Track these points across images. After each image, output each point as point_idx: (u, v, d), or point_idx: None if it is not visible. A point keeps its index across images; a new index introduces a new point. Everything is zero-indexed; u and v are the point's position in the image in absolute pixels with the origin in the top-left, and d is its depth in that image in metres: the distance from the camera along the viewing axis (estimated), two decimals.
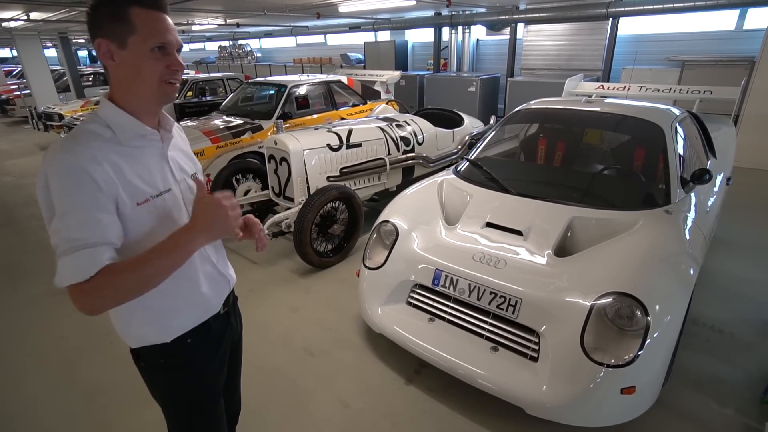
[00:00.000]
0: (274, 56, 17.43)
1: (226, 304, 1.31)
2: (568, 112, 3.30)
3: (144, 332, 1.14)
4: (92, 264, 0.92)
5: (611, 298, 1.89)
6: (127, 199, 1.00)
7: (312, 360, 2.60)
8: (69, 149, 0.95)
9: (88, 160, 0.94)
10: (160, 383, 1.24)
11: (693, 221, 2.42)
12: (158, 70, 1.02)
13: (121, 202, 0.99)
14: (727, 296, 3.12)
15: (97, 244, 0.94)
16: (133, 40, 0.98)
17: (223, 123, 4.96)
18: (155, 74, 1.02)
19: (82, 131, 1.00)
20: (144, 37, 0.98)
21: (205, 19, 9.64)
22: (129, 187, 1.01)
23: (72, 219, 0.93)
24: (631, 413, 1.88)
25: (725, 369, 2.44)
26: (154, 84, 1.03)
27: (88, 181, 0.93)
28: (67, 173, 0.93)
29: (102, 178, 0.95)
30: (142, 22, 0.98)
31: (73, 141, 0.97)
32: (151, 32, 0.99)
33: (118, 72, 1.02)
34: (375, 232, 2.74)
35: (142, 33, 0.98)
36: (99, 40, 0.98)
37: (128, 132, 1.04)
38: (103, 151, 0.98)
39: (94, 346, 2.75)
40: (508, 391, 1.94)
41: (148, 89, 1.03)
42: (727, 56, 7.05)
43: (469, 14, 9.15)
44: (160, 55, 1.01)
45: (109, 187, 0.96)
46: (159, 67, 1.01)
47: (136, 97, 1.05)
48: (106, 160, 0.97)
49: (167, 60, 1.02)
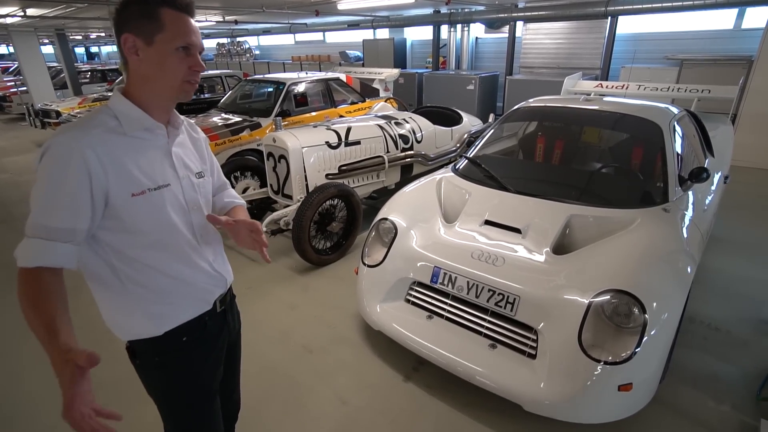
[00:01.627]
0: (272, 54, 17.39)
1: (223, 302, 1.30)
2: (567, 111, 3.30)
3: (135, 324, 1.14)
4: (36, 257, 0.96)
5: (609, 295, 1.90)
6: (121, 189, 1.02)
7: (310, 357, 2.61)
8: (69, 133, 0.98)
9: (84, 145, 0.97)
10: (155, 381, 1.24)
11: (690, 219, 2.43)
12: (182, 70, 1.06)
13: (113, 193, 1.01)
14: (723, 294, 3.13)
15: (53, 236, 0.96)
16: (161, 38, 1.02)
17: (222, 120, 4.94)
18: (178, 73, 1.06)
19: (86, 119, 1.04)
20: (171, 36, 1.03)
21: (203, 15, 9.61)
22: (125, 176, 1.02)
23: (42, 198, 0.96)
24: (629, 410, 1.89)
25: (721, 366, 2.45)
26: (176, 82, 1.07)
27: (76, 166, 0.96)
28: (58, 154, 0.96)
29: (93, 167, 0.97)
30: (170, 22, 1.02)
31: (78, 126, 1.01)
32: (179, 32, 1.04)
33: (141, 67, 1.05)
34: (374, 230, 2.75)
35: (170, 32, 1.02)
36: (126, 35, 1.02)
37: (134, 123, 1.06)
38: (102, 139, 1.00)
39: (93, 343, 2.72)
40: (506, 388, 1.94)
41: (169, 86, 1.07)
42: (725, 55, 7.07)
43: (468, 12, 9.14)
44: (184, 56, 1.05)
45: (98, 178, 0.98)
46: (182, 66, 1.06)
47: (153, 92, 1.08)
48: (103, 149, 0.99)
49: (190, 61, 1.07)
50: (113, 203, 1.01)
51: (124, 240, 1.06)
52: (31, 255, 0.96)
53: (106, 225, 1.04)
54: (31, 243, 0.96)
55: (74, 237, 0.99)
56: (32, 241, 0.96)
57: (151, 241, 1.09)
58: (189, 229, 1.17)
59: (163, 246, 1.12)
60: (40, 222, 0.96)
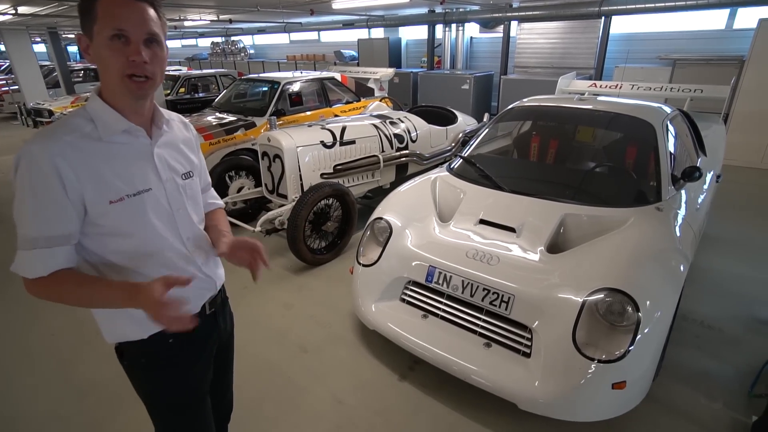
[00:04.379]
0: (267, 53, 17.32)
1: (213, 304, 1.29)
2: (561, 110, 3.32)
3: (120, 326, 1.13)
4: (45, 266, 0.97)
5: (603, 294, 1.91)
6: (97, 197, 0.99)
7: (306, 357, 2.60)
8: (39, 142, 0.95)
9: (54, 154, 0.93)
10: (142, 383, 1.23)
11: (683, 218, 2.45)
12: (118, 62, 0.95)
13: (89, 200, 0.98)
14: (716, 292, 3.16)
15: (50, 244, 0.96)
16: (97, 30, 0.94)
17: (216, 120, 4.92)
18: (114, 66, 0.95)
19: (61, 124, 1.00)
20: (102, 24, 0.93)
21: (197, 14, 9.54)
22: (101, 185, 0.99)
23: (30, 211, 0.95)
24: (622, 408, 1.91)
25: (714, 364, 2.47)
26: (115, 78, 0.96)
27: (50, 175, 0.93)
28: (32, 165, 0.93)
29: (66, 175, 0.94)
30: (103, 10, 0.93)
31: (47, 133, 0.97)
32: (108, 18, 0.93)
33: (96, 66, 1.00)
34: (368, 229, 2.74)
35: (102, 20, 0.93)
36: (78, 35, 0.99)
37: (110, 127, 1.02)
38: (74, 146, 0.96)
39: (86, 344, 2.72)
40: (501, 387, 1.95)
41: (113, 83, 0.98)
42: (717, 55, 7.12)
43: (462, 12, 9.15)
44: (120, 45, 0.94)
45: (72, 185, 0.95)
46: (118, 58, 0.94)
47: (111, 92, 1.01)
48: (76, 156, 0.96)
49: (127, 50, 0.94)
50: (91, 211, 0.99)
51: (106, 245, 1.05)
52: (40, 265, 0.97)
53: (87, 231, 1.02)
54: (33, 255, 0.96)
55: (71, 239, 1.00)
56: (34, 253, 0.96)
57: (134, 247, 1.07)
58: (174, 233, 1.14)
59: (146, 252, 1.09)
60: (35, 234, 0.95)
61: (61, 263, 0.99)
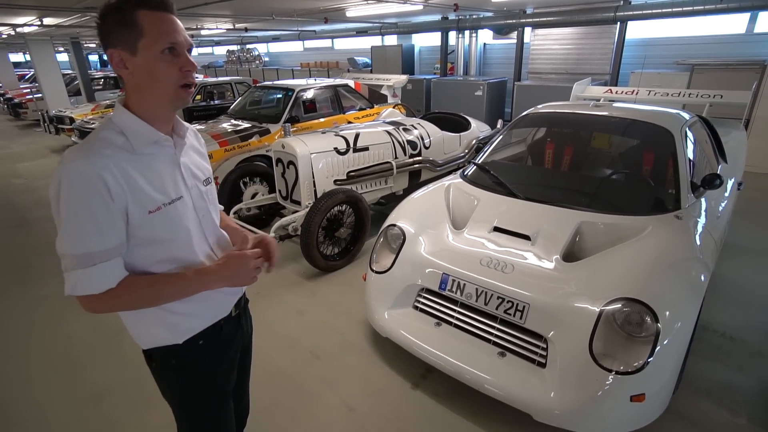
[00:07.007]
0: (281, 60, 17.57)
1: (238, 307, 1.32)
2: (576, 116, 3.28)
3: (156, 334, 1.15)
4: (109, 279, 0.99)
5: (620, 303, 1.87)
6: (137, 208, 1.01)
7: (318, 363, 2.60)
8: (82, 158, 0.96)
9: (100, 168, 0.95)
10: (171, 384, 1.25)
11: (704, 227, 2.39)
12: (173, 74, 1.00)
13: (131, 211, 1.00)
14: (738, 303, 3.07)
15: (109, 257, 0.98)
16: (144, 45, 0.97)
17: (231, 126, 4.99)
18: (171, 78, 1.01)
19: (95, 138, 1.01)
20: (153, 39, 0.97)
21: (213, 23, 9.74)
22: (140, 195, 1.01)
23: (86, 228, 0.95)
24: (641, 421, 1.86)
25: (737, 376, 2.40)
26: (170, 89, 1.02)
27: (100, 188, 0.95)
28: (81, 182, 0.94)
29: (113, 188, 0.96)
30: (150, 25, 0.96)
31: (87, 148, 0.98)
32: (160, 33, 0.97)
33: (133, 80, 1.01)
34: (382, 236, 2.74)
35: (151, 36, 0.97)
36: (111, 50, 0.98)
37: (142, 138, 1.04)
38: (115, 159, 0.99)
39: (103, 347, 2.76)
40: (515, 397, 1.92)
41: (164, 94, 1.03)
42: (737, 60, 6.99)
43: (476, 18, 9.16)
44: (171, 57, 0.99)
45: (119, 197, 0.97)
46: (173, 70, 1.00)
47: (151, 103, 1.04)
48: (117, 169, 0.98)
49: (179, 62, 1.01)
50: (132, 221, 1.01)
51: (144, 255, 1.07)
52: (106, 278, 0.99)
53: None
54: (96, 270, 0.97)
55: (123, 248, 1.02)
56: (97, 268, 0.97)
57: (171, 255, 1.10)
58: (202, 238, 1.18)
59: (182, 258, 1.12)
60: (94, 249, 0.96)
61: (123, 272, 1.02)
